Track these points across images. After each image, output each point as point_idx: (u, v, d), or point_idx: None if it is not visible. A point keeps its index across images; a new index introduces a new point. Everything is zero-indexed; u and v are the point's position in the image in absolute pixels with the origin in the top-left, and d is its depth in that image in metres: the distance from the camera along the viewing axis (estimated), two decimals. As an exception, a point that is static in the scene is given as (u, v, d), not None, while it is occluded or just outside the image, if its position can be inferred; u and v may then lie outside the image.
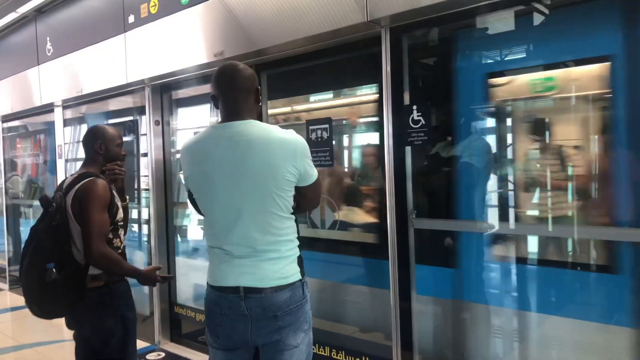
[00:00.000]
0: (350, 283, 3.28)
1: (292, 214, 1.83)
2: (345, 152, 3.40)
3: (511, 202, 2.57)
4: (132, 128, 4.76)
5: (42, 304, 2.30)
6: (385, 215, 2.72)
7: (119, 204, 2.46)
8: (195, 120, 4.51)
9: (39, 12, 5.43)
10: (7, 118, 6.88)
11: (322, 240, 3.29)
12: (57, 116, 5.66)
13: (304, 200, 1.91)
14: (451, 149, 2.70)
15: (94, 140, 2.49)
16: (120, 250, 2.45)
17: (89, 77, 4.76)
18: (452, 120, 2.72)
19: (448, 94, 2.70)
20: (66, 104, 5.50)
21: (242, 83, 1.81)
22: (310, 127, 3.17)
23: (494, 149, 2.63)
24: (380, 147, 2.85)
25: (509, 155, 2.59)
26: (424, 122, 2.55)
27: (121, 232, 2.47)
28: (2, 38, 6.33)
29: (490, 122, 2.71)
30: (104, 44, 4.48)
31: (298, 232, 1.89)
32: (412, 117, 2.59)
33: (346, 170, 3.38)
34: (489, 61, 2.68)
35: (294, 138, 1.77)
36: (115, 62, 4.34)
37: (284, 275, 1.78)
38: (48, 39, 5.33)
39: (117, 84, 4.39)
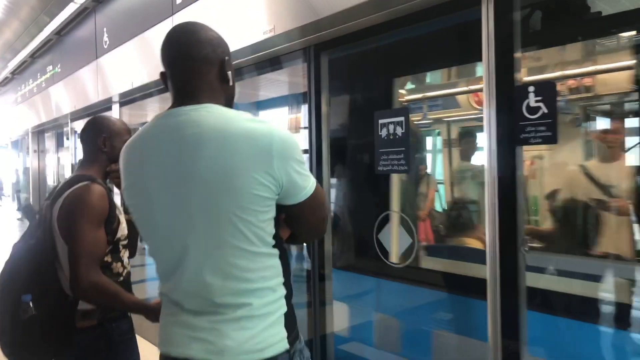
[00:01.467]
0: (424, 324, 2.49)
1: (274, 246, 1.26)
2: (429, 155, 2.61)
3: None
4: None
5: (15, 350, 1.76)
6: (483, 240, 1.93)
7: (122, 217, 1.88)
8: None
9: (98, 2, 5.13)
10: (75, 116, 6.74)
11: (392, 267, 2.54)
12: (115, 114, 5.34)
13: (300, 226, 1.36)
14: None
15: (97, 135, 1.93)
16: (122, 278, 1.86)
17: (139, 69, 4.34)
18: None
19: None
20: (123, 100, 5.15)
21: (196, 49, 1.25)
22: (380, 121, 2.43)
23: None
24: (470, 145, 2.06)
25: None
26: (546, 111, 1.73)
27: (124, 253, 1.88)
28: (67, 34, 6.18)
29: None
30: (153, 31, 4.01)
31: (287, 274, 1.31)
32: (528, 103, 1.78)
33: (428, 177, 2.59)
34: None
35: (269, 130, 1.19)
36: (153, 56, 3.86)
37: (259, 347, 1.20)
38: (105, 29, 5.01)
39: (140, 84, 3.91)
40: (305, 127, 3.09)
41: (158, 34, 3.92)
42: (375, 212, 2.60)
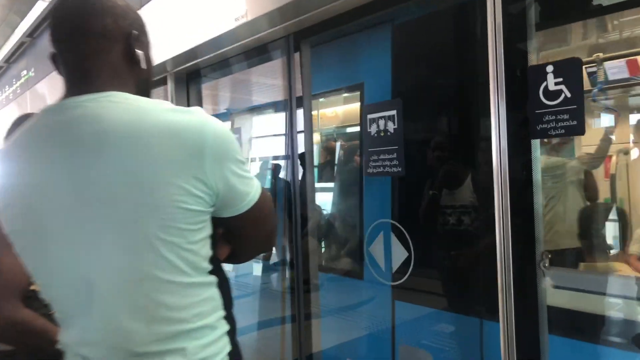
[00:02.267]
0: (430, 348, 2.15)
1: (212, 272, 0.99)
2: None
3: None
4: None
5: None
6: (491, 255, 1.60)
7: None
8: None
9: None
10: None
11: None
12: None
13: (243, 243, 1.11)
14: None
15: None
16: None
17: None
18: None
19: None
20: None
21: (93, 21, 0.95)
22: (369, 116, 2.10)
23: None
24: (480, 141, 1.74)
25: None
26: (569, 95, 1.40)
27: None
28: (39, 36, 5.85)
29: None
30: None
31: (229, 304, 1.06)
32: (545, 86, 1.45)
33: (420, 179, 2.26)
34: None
35: (199, 122, 0.92)
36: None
37: None
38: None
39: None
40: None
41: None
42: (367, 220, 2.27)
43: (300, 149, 2.67)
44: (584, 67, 1.42)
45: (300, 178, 2.97)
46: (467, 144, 1.99)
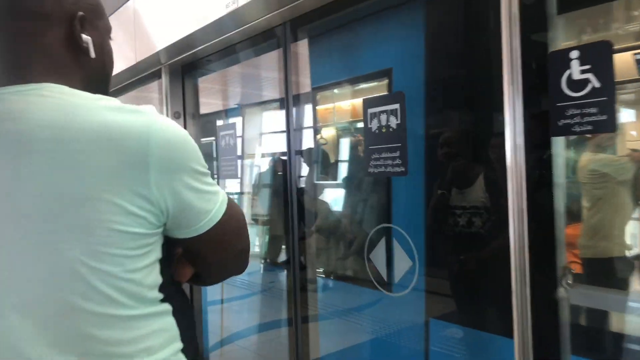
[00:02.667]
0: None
1: (164, 300, 0.84)
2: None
3: None
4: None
5: None
6: (503, 270, 1.40)
7: None
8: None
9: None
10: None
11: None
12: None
13: (206, 266, 0.95)
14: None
15: None
16: None
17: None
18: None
19: None
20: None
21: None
22: (370, 111, 1.91)
23: None
24: (490, 139, 1.54)
25: None
26: (598, 85, 1.20)
27: None
28: None
29: None
30: (114, 16, 3.52)
31: (189, 333, 0.90)
32: (569, 75, 1.24)
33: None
34: None
35: (144, 124, 0.77)
36: (125, 39, 3.36)
37: None
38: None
39: (127, 65, 3.40)
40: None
41: (120, 17, 3.42)
42: (368, 225, 2.08)
43: (304, 145, 2.52)
44: (632, 52, 1.21)
45: (301, 174, 2.80)
46: (484, 140, 1.79)
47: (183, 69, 3.35)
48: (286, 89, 2.42)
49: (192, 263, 0.95)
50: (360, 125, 3.16)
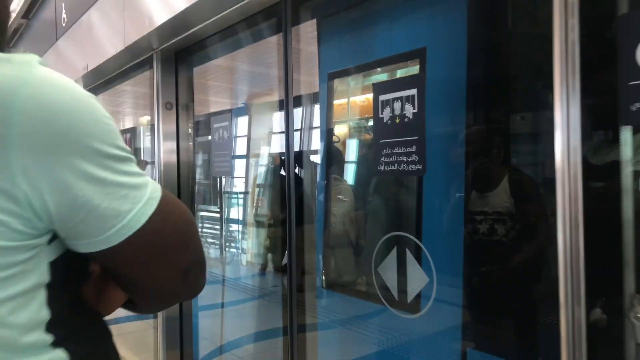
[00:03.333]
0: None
1: (57, 343, 0.59)
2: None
3: None
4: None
5: None
6: (552, 294, 1.11)
7: None
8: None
9: (57, -26, 4.38)
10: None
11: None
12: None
13: (133, 290, 0.70)
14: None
15: None
16: None
17: (92, 49, 3.57)
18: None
19: None
20: (88, 88, 4.39)
21: None
22: (381, 98, 1.61)
23: None
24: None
25: None
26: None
27: None
28: (34, 16, 5.47)
29: None
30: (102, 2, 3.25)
31: None
32: (648, 46, 0.95)
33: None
34: None
35: (11, 78, 0.52)
36: (114, 23, 3.09)
37: None
38: (63, 4, 4.25)
39: (116, 51, 3.12)
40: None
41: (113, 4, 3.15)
42: (378, 234, 1.79)
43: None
44: None
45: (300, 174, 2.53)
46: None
47: (177, 56, 3.08)
48: (286, 82, 2.13)
49: (119, 284, 0.69)
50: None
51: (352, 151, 2.60)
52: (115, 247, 0.59)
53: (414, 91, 1.52)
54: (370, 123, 2.61)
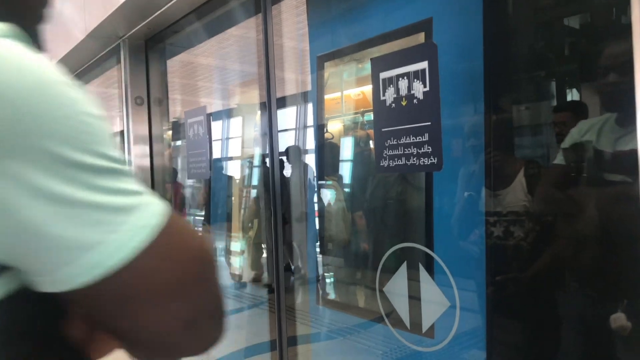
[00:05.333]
0: None
1: None
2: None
3: None
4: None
5: None
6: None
7: None
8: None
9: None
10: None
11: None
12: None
13: (119, 338, 0.53)
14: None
15: None
16: None
17: (54, 40, 3.22)
18: None
19: None
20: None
21: None
22: (382, 75, 1.29)
23: None
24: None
25: None
26: None
27: None
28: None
29: None
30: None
31: None
32: None
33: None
34: None
35: None
36: (74, 6, 2.75)
37: None
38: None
39: (78, 40, 2.78)
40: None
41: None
42: (381, 245, 1.47)
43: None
44: None
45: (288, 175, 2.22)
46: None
47: (147, 44, 2.74)
48: (267, 69, 1.80)
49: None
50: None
51: (347, 148, 2.28)
52: (83, 289, 0.45)
53: (424, 64, 1.19)
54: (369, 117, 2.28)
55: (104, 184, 0.45)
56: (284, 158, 2.49)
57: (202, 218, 3.26)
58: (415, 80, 1.21)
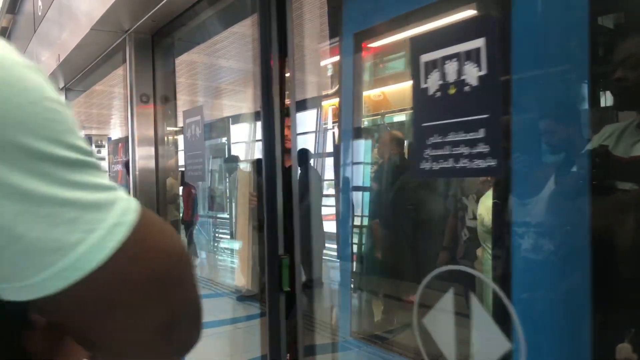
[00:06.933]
0: None
1: None
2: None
3: None
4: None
5: None
6: None
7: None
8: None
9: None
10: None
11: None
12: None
13: (90, 347, 0.53)
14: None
15: None
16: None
17: (61, 37, 3.06)
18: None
19: None
20: (68, 86, 3.89)
21: None
22: (423, 58, 1.04)
23: None
24: None
25: None
26: None
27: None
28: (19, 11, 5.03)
29: None
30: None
31: None
32: None
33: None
34: None
35: None
36: (78, 3, 2.57)
37: None
38: (37, -9, 3.77)
39: (82, 35, 2.59)
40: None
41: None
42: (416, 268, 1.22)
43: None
44: None
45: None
46: None
47: (154, 39, 2.54)
48: (263, 76, 1.57)
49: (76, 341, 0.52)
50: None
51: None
52: (55, 296, 0.41)
53: (479, 42, 0.95)
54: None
55: (77, 178, 0.42)
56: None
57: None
58: (467, 62, 0.96)
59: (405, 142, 2.66)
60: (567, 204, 0.97)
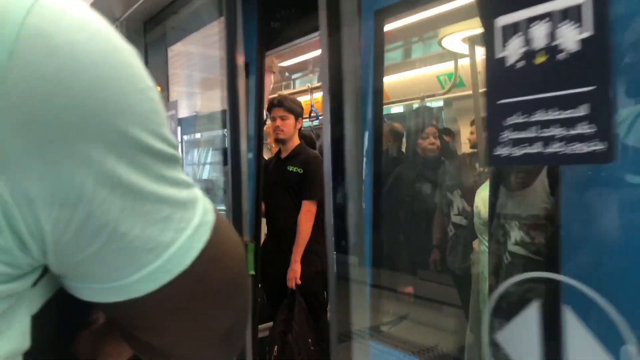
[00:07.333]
0: None
1: None
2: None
3: None
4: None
5: None
6: None
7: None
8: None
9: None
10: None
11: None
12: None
13: (153, 355, 0.47)
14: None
15: None
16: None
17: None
18: None
19: None
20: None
21: None
22: (500, 21, 0.87)
23: None
24: None
25: None
26: None
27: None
28: None
29: None
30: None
31: None
32: None
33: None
34: None
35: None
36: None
37: None
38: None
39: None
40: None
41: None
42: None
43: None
44: None
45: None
46: None
47: (146, 27, 2.35)
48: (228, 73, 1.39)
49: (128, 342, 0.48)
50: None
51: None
52: (140, 298, 0.38)
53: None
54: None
55: (169, 173, 0.40)
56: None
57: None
58: (563, 23, 0.79)
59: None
60: None
